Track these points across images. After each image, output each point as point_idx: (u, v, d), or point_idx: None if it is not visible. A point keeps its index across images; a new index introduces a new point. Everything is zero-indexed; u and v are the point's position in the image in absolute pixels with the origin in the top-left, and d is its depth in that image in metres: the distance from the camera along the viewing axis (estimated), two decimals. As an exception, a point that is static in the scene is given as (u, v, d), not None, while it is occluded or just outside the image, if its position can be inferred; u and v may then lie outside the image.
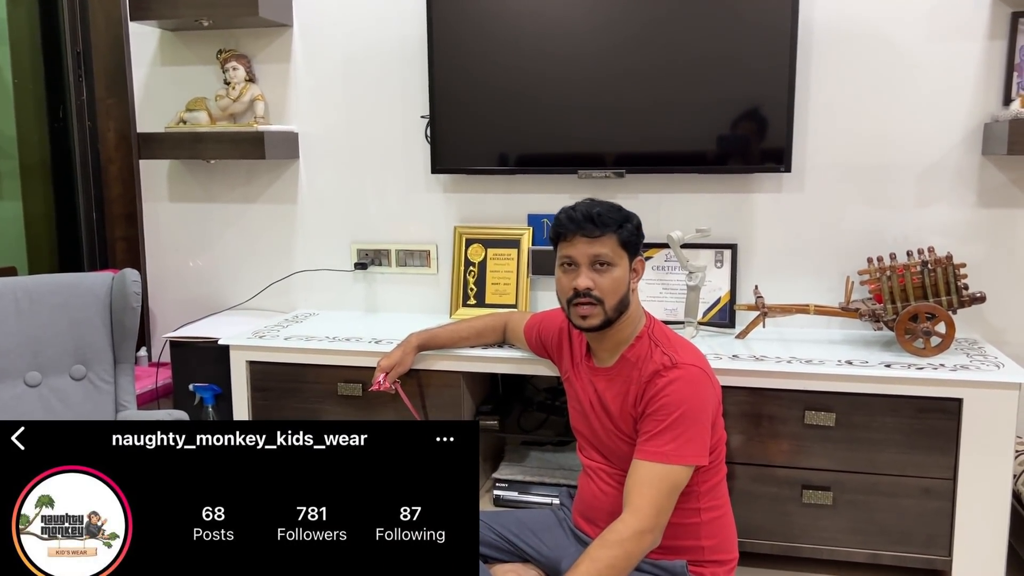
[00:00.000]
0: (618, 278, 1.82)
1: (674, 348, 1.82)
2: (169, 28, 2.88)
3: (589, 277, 1.81)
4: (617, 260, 1.82)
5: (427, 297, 2.87)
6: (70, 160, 3.28)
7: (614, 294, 1.82)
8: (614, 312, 1.83)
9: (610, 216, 1.82)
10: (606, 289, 1.81)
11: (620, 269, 1.82)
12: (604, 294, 1.81)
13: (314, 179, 2.91)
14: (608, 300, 1.81)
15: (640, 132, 2.54)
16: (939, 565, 2.15)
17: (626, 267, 1.84)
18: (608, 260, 1.81)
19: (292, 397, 2.49)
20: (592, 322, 1.83)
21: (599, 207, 1.83)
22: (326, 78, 2.84)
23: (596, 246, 1.81)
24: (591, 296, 1.81)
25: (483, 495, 2.57)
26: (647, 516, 1.68)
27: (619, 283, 1.82)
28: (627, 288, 1.84)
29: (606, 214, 1.82)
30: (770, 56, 2.42)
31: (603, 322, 1.83)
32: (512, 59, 2.59)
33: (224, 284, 3.03)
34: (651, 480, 1.71)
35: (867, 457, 2.14)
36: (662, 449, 1.71)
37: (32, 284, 2.35)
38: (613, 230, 1.81)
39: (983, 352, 2.29)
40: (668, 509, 1.72)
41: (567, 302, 1.86)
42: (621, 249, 1.82)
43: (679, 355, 1.80)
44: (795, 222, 2.58)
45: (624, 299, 1.84)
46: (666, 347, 1.82)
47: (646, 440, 1.74)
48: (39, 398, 2.30)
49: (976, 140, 2.43)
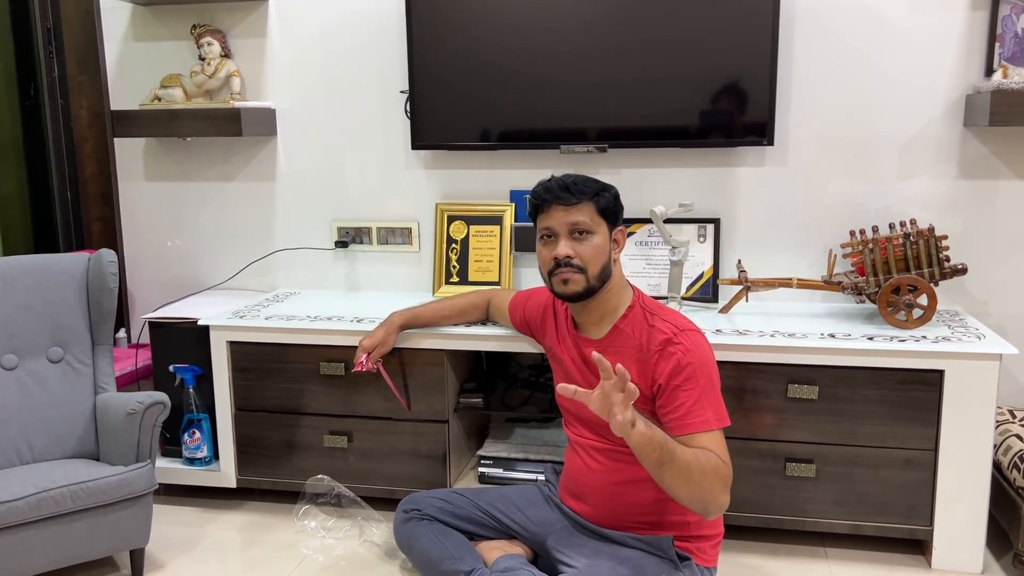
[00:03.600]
0: (598, 245, 1.82)
1: (672, 316, 1.84)
2: (141, 3, 2.82)
3: (568, 246, 1.81)
4: (596, 228, 1.82)
5: (409, 275, 2.85)
6: (43, 139, 3.22)
7: (595, 261, 1.81)
8: (596, 280, 1.82)
9: (586, 185, 1.83)
10: (587, 256, 1.81)
11: (599, 237, 1.82)
12: (585, 262, 1.81)
13: (292, 156, 2.87)
14: (591, 268, 1.81)
15: (622, 107, 2.51)
16: (920, 535, 2.17)
17: (606, 235, 1.84)
18: (587, 228, 1.81)
19: (274, 377, 2.48)
20: (574, 288, 1.82)
21: (575, 178, 1.84)
22: (303, 53, 2.79)
23: (573, 213, 1.81)
24: (572, 264, 1.80)
25: (468, 472, 2.57)
26: (730, 473, 1.70)
27: (599, 250, 1.82)
28: (608, 257, 1.84)
29: (582, 183, 1.83)
30: (752, 29, 2.40)
31: (585, 289, 1.82)
32: (493, 33, 2.55)
33: (203, 264, 2.99)
34: (715, 444, 1.70)
35: (850, 429, 2.15)
36: (704, 416, 1.72)
37: (6, 266, 2.30)
38: (590, 197, 1.82)
39: (964, 324, 2.30)
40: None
41: (548, 274, 1.85)
42: (599, 217, 1.83)
43: (680, 321, 1.81)
44: (778, 196, 2.57)
45: (606, 267, 1.83)
46: (663, 315, 1.83)
47: (685, 412, 1.73)
48: (16, 381, 2.27)
49: (958, 112, 2.43)
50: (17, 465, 2.21)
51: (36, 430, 2.25)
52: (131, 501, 2.12)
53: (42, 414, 2.27)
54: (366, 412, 2.44)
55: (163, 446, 2.63)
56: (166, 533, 2.44)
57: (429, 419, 2.41)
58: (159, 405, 2.17)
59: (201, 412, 2.55)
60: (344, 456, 2.48)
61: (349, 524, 2.41)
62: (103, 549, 2.11)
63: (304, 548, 2.33)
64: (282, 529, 2.45)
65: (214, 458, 2.59)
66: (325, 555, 2.29)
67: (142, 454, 2.17)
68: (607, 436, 1.90)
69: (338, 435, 2.46)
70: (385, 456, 2.45)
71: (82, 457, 2.28)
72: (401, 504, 2.11)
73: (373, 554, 2.29)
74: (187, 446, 2.57)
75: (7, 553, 1.97)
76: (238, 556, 2.33)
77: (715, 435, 1.72)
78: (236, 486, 2.57)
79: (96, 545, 2.09)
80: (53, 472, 2.09)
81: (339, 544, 2.34)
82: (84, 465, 2.18)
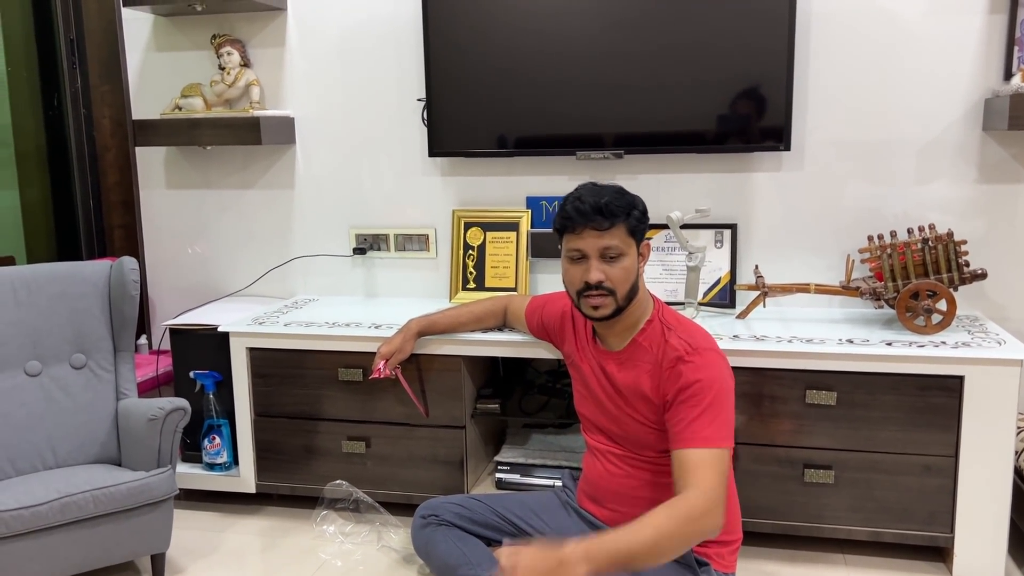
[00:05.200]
0: (628, 267, 1.80)
1: (689, 332, 1.82)
2: (162, 13, 2.86)
3: (600, 269, 1.79)
4: (626, 249, 1.80)
5: (426, 281, 2.86)
6: (66, 148, 3.27)
7: (625, 283, 1.80)
8: (625, 300, 1.82)
9: (618, 205, 1.78)
10: (617, 280, 1.80)
11: (630, 258, 1.81)
12: (616, 284, 1.80)
13: (311, 164, 2.89)
14: (619, 290, 1.80)
15: (638, 112, 2.52)
16: (941, 542, 2.15)
17: (635, 255, 1.83)
18: (618, 251, 1.79)
19: (293, 383, 2.49)
20: (604, 312, 1.82)
21: (606, 195, 1.79)
22: (321, 62, 2.82)
23: (606, 238, 1.78)
24: (603, 288, 1.80)
25: (485, 478, 2.58)
26: (715, 499, 1.60)
27: (629, 272, 1.81)
28: (636, 275, 1.83)
29: (613, 203, 1.78)
30: (769, 33, 2.40)
31: (615, 311, 1.82)
32: (509, 40, 2.57)
33: (223, 271, 3.02)
34: (707, 463, 1.65)
35: (868, 435, 2.14)
36: (704, 433, 1.68)
37: (30, 273, 2.34)
38: (622, 220, 1.79)
39: (984, 329, 2.28)
40: (725, 493, 1.65)
41: (577, 294, 1.85)
42: (629, 237, 1.81)
43: (696, 340, 1.79)
44: (795, 200, 2.56)
45: (634, 287, 1.83)
46: (680, 331, 1.82)
47: (686, 427, 1.71)
48: (40, 388, 2.30)
49: (977, 115, 2.42)
50: (41, 470, 2.24)
51: (60, 435, 2.28)
52: (152, 506, 2.14)
53: (65, 420, 2.30)
54: (384, 418, 2.45)
55: (183, 451, 2.66)
56: (186, 538, 2.46)
57: (446, 425, 2.42)
58: (180, 411, 2.19)
59: (221, 418, 2.57)
60: (362, 461, 2.49)
61: (367, 529, 2.42)
62: (124, 553, 2.13)
63: (322, 553, 2.35)
64: (301, 534, 2.47)
65: (234, 463, 2.61)
66: (343, 560, 2.31)
67: (163, 459, 2.19)
68: (624, 444, 1.91)
69: (356, 441, 2.48)
70: (403, 462, 2.46)
71: (104, 462, 2.31)
72: (419, 510, 2.11)
73: (391, 559, 2.30)
74: (207, 451, 2.59)
75: (32, 557, 1.99)
76: (257, 561, 2.34)
77: (709, 453, 1.67)
78: (255, 491, 2.59)
79: (118, 549, 2.12)
80: (76, 477, 2.12)
81: (357, 549, 2.35)
82: (106, 470, 2.21)
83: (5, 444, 2.21)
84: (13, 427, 2.23)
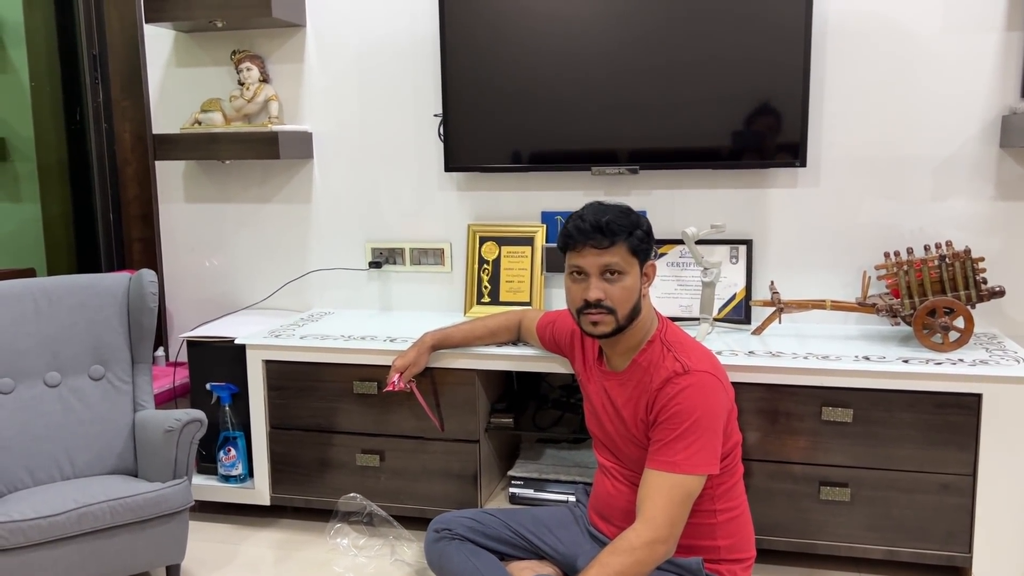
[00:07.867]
0: (629, 287, 1.80)
1: (687, 353, 1.81)
2: (184, 30, 2.90)
3: (599, 288, 1.79)
4: (628, 268, 1.80)
5: (441, 295, 2.88)
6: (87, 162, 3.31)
7: (626, 303, 1.80)
8: (625, 320, 1.82)
9: (619, 224, 1.78)
10: (617, 298, 1.80)
11: (631, 277, 1.81)
12: (615, 303, 1.80)
13: (328, 178, 2.92)
14: (620, 309, 1.80)
15: (653, 128, 2.53)
16: (959, 562, 2.13)
17: (637, 274, 1.82)
18: (619, 269, 1.79)
19: (308, 396, 2.51)
20: (603, 329, 1.82)
21: (608, 214, 1.79)
22: (339, 78, 2.85)
23: (606, 256, 1.79)
24: (602, 306, 1.80)
25: (499, 492, 2.58)
26: (660, 526, 1.68)
27: (630, 291, 1.81)
28: (638, 295, 1.83)
29: (615, 222, 1.78)
30: (784, 49, 2.40)
31: (614, 330, 1.82)
32: (524, 56, 2.59)
33: (240, 284, 3.05)
34: (663, 490, 1.70)
35: (885, 453, 2.12)
36: (674, 459, 1.71)
37: (51, 285, 2.37)
38: (623, 239, 1.79)
39: (1002, 347, 2.27)
40: (682, 518, 1.71)
41: (577, 311, 1.85)
42: (631, 256, 1.80)
43: (691, 361, 1.78)
44: (811, 217, 2.56)
45: (636, 306, 1.83)
46: (679, 352, 1.81)
47: (658, 449, 1.73)
48: (58, 398, 2.32)
49: (994, 132, 2.41)
50: (59, 480, 2.26)
51: (77, 446, 2.30)
52: (168, 517, 2.15)
53: (83, 430, 2.32)
54: (398, 431, 2.46)
55: (199, 463, 2.67)
56: (201, 549, 2.47)
57: (460, 439, 2.42)
58: (196, 423, 2.21)
59: (237, 430, 2.58)
60: (376, 475, 2.50)
61: (381, 543, 2.43)
62: (140, 564, 2.14)
63: (336, 566, 2.35)
64: (315, 547, 2.47)
65: (249, 476, 2.62)
66: (357, 573, 2.31)
67: (179, 471, 2.21)
68: (627, 464, 1.90)
69: (370, 454, 2.49)
70: (417, 475, 2.47)
71: (121, 473, 2.33)
72: (432, 523, 2.12)
73: (404, 573, 2.30)
74: (223, 463, 2.60)
75: (49, 567, 2.01)
76: (271, 573, 2.35)
77: (667, 479, 1.69)
78: (270, 504, 2.60)
79: (133, 560, 2.13)
80: (93, 488, 2.13)
81: (371, 563, 2.36)
82: (123, 481, 2.22)
83: (24, 454, 2.24)
84: (32, 437, 2.26)
